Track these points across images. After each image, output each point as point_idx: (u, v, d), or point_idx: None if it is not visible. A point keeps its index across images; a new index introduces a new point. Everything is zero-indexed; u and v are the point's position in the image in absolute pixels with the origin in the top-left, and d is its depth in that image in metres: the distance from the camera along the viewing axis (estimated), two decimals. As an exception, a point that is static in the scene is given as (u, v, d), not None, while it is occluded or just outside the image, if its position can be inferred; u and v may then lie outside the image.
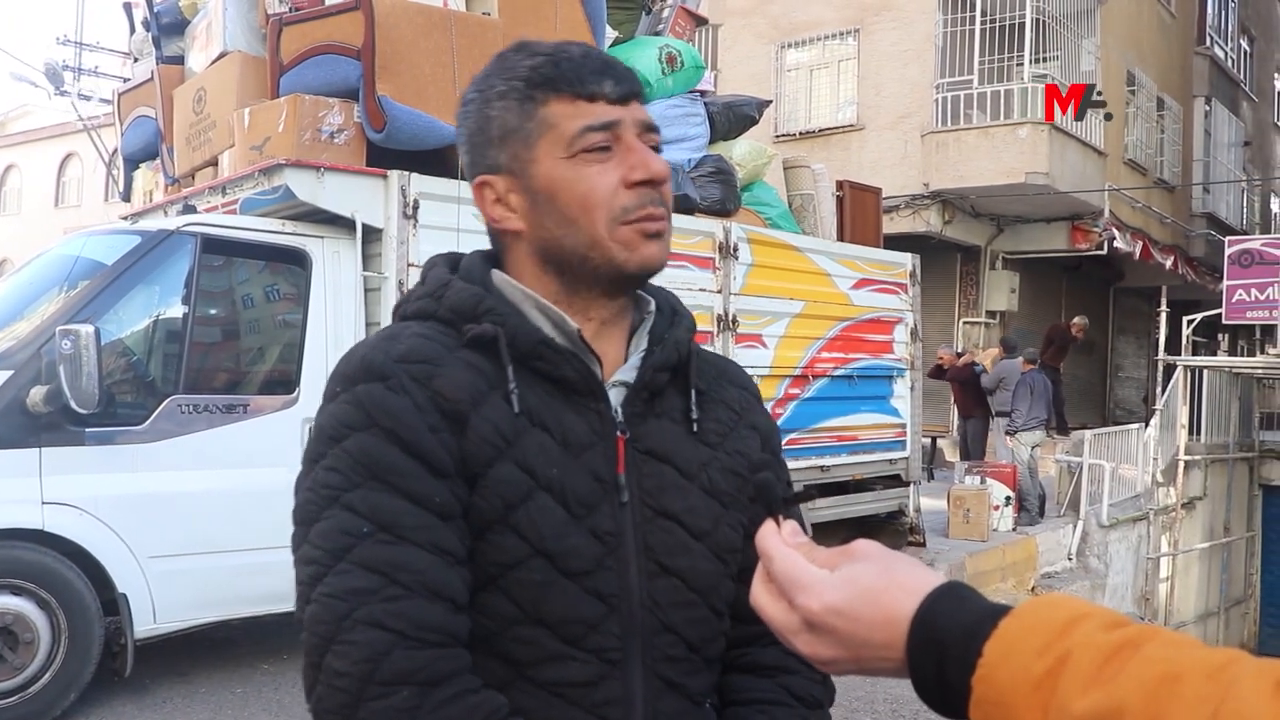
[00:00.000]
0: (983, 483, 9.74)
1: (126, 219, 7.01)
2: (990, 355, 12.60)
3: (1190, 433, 13.08)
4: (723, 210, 6.94)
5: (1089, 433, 11.56)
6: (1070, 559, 10.42)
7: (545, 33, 5.76)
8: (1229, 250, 15.43)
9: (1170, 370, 13.46)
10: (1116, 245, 15.26)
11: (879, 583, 0.70)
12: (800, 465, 7.04)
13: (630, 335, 1.14)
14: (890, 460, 8.16)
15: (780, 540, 0.76)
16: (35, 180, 30.24)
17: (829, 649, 0.72)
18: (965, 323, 15.24)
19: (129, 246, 4.82)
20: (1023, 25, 13.74)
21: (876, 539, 0.75)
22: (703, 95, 7.40)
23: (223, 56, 6.26)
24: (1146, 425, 12.79)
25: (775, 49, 15.97)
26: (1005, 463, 10.62)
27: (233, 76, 6.09)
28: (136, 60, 8.34)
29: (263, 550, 4.32)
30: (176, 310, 4.85)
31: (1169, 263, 17.40)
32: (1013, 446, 10.73)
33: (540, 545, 0.99)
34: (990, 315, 15.28)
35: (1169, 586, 12.50)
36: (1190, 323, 14.53)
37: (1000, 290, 15.24)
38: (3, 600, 4.25)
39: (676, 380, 1.14)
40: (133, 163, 7.82)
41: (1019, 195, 13.98)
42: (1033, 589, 9.35)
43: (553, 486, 1.01)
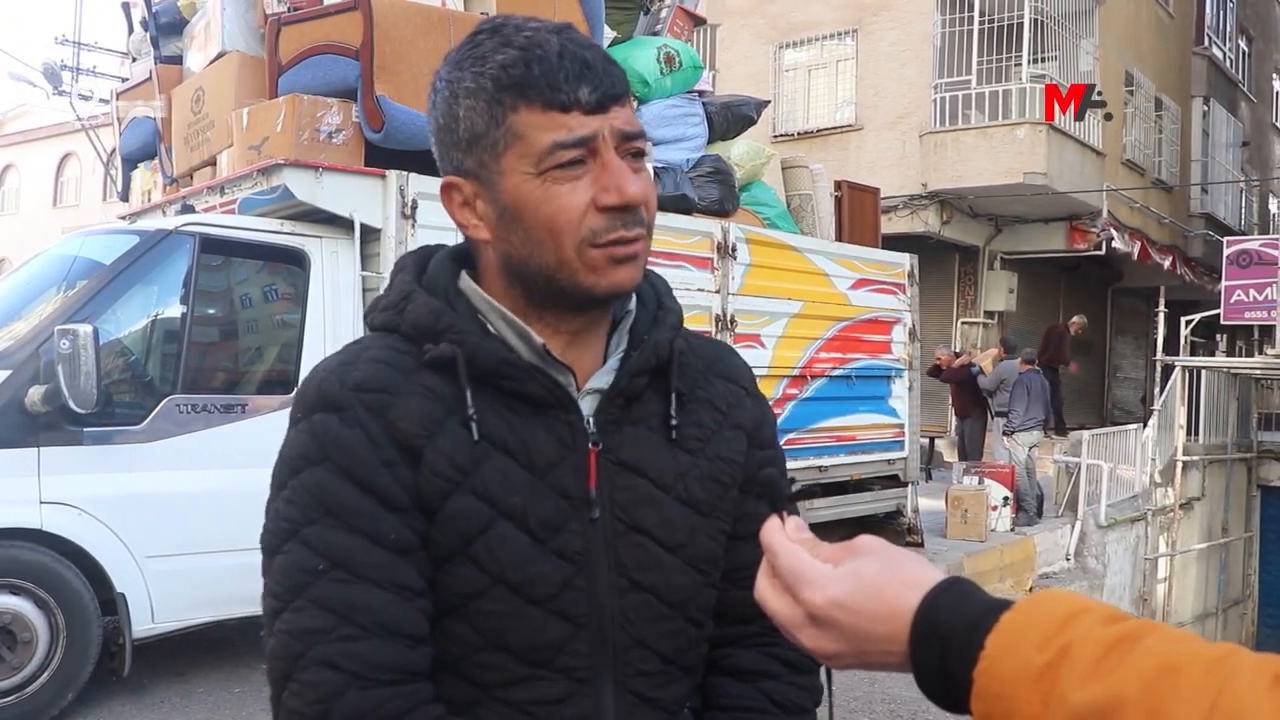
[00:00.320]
0: (981, 483, 9.74)
1: (125, 219, 7.01)
2: (989, 356, 12.60)
3: (1188, 433, 13.10)
4: (721, 210, 6.94)
5: (1087, 433, 11.56)
6: (1068, 559, 10.42)
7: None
8: (1227, 250, 15.46)
9: (1168, 371, 13.47)
10: (1115, 245, 15.28)
11: (882, 577, 0.71)
12: (799, 465, 7.05)
13: (610, 333, 1.08)
14: (888, 460, 8.17)
15: (785, 535, 0.77)
16: (33, 180, 30.25)
17: (832, 643, 0.72)
18: (963, 323, 15.26)
19: (127, 246, 4.82)
20: (1021, 25, 13.76)
21: None
22: (701, 95, 7.40)
23: (221, 56, 6.26)
24: (1145, 426, 12.78)
25: (773, 49, 15.99)
26: (1003, 463, 10.63)
27: (231, 76, 6.08)
28: (135, 60, 8.33)
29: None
30: (175, 310, 4.84)
31: (1167, 263, 17.42)
32: (1010, 447, 10.75)
33: (501, 576, 0.97)
34: (988, 315, 15.30)
35: (1167, 587, 12.51)
36: (1188, 323, 14.53)
37: (998, 290, 15.26)
38: (1, 600, 4.25)
39: (656, 383, 1.07)
40: (131, 162, 7.82)
41: (1017, 195, 14.00)
42: (1030, 589, 9.35)
43: (514, 514, 0.98)
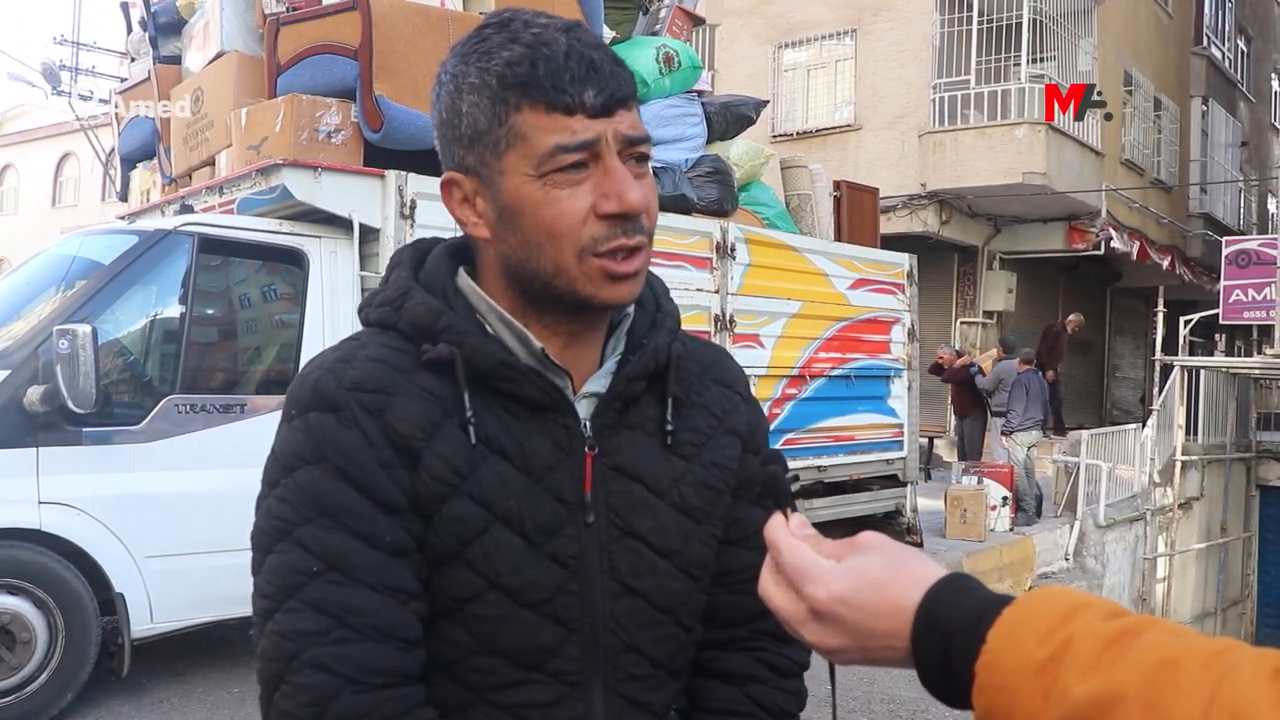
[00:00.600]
0: (980, 483, 9.74)
1: (124, 219, 7.01)
2: (990, 357, 12.60)
3: (1187, 433, 13.10)
4: (720, 210, 6.95)
5: (1086, 433, 11.57)
6: (1067, 559, 10.42)
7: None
8: (1226, 250, 15.48)
9: (1167, 370, 13.47)
10: (1114, 245, 15.28)
11: (885, 573, 0.72)
12: (798, 465, 7.04)
13: (607, 336, 1.08)
14: (888, 460, 8.17)
15: (788, 532, 0.78)
16: (32, 180, 30.24)
17: (835, 638, 0.73)
18: (962, 323, 15.26)
19: (126, 246, 4.82)
20: (1020, 25, 13.77)
21: None
22: (700, 95, 7.41)
23: (220, 56, 6.26)
24: (1144, 425, 12.79)
25: (772, 49, 15.99)
26: (1002, 463, 10.63)
27: (230, 76, 6.08)
28: (134, 60, 8.34)
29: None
30: (174, 310, 4.84)
31: (1166, 263, 17.43)
32: (1009, 447, 10.75)
33: (496, 580, 0.96)
34: (987, 315, 15.31)
35: (1166, 587, 12.51)
36: (1187, 323, 14.52)
37: (997, 290, 15.26)
38: (0, 600, 4.24)
39: (653, 387, 1.07)
40: (130, 162, 7.83)
41: (1016, 195, 14.01)
42: (1030, 589, 9.33)
43: (510, 518, 0.97)
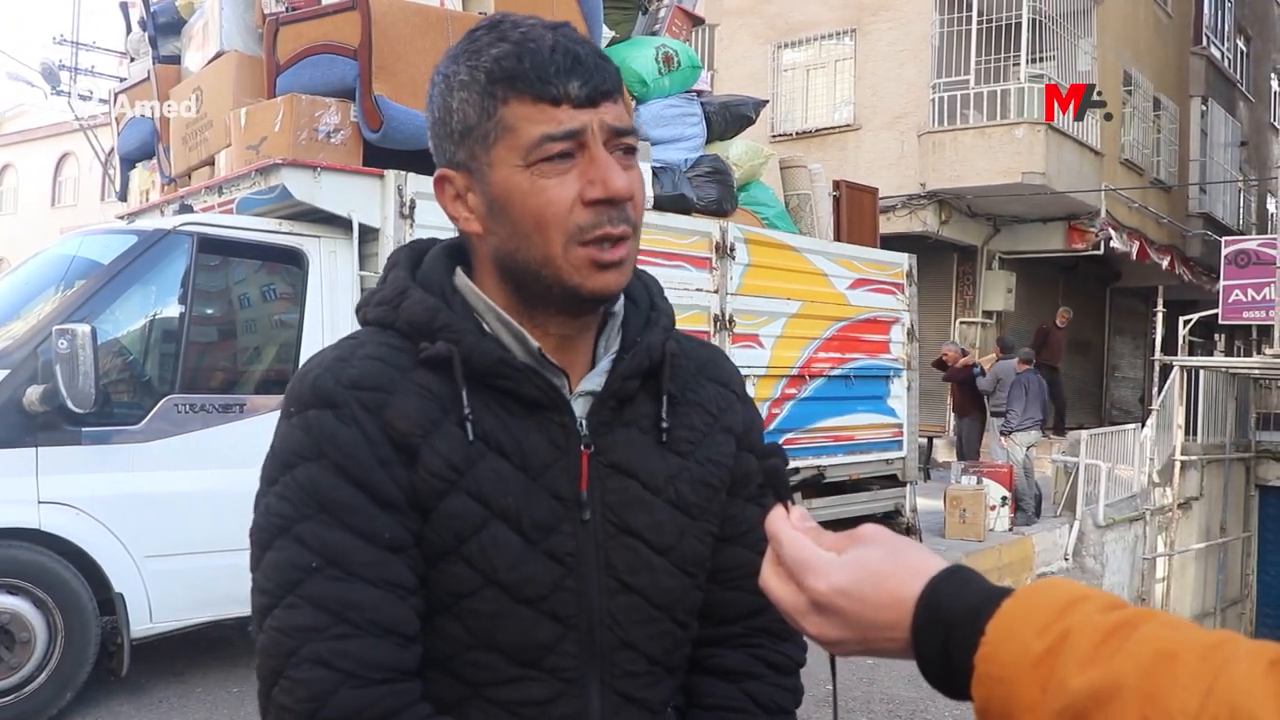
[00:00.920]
0: (979, 483, 9.74)
1: (123, 218, 7.01)
2: (990, 359, 12.59)
3: (1187, 433, 13.11)
4: (719, 210, 6.95)
5: (1085, 433, 11.57)
6: (1066, 559, 10.43)
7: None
8: (1225, 250, 15.48)
9: (1167, 370, 13.48)
10: (1113, 245, 15.29)
11: (885, 566, 0.72)
12: (797, 465, 7.05)
13: (599, 334, 1.08)
14: (887, 460, 8.18)
15: (789, 524, 0.78)
16: (32, 180, 30.24)
17: (836, 630, 0.73)
18: (962, 322, 15.27)
19: (125, 246, 4.82)
20: (1019, 25, 13.77)
21: None
22: (699, 95, 7.41)
23: (219, 56, 6.26)
24: (1143, 425, 12.80)
25: (772, 49, 15.99)
26: (1001, 463, 10.63)
27: (229, 76, 6.08)
28: (133, 60, 8.34)
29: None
30: (173, 310, 4.84)
31: (1165, 263, 17.43)
32: (1008, 447, 10.75)
33: (493, 576, 0.97)
34: (987, 315, 15.31)
35: (1165, 587, 12.52)
36: (1187, 323, 14.53)
37: (997, 290, 15.27)
38: (0, 600, 4.27)
39: (648, 385, 1.08)
40: (129, 162, 7.82)
41: (1016, 195, 14.01)
42: (1029, 588, 9.34)
43: (508, 514, 0.98)
